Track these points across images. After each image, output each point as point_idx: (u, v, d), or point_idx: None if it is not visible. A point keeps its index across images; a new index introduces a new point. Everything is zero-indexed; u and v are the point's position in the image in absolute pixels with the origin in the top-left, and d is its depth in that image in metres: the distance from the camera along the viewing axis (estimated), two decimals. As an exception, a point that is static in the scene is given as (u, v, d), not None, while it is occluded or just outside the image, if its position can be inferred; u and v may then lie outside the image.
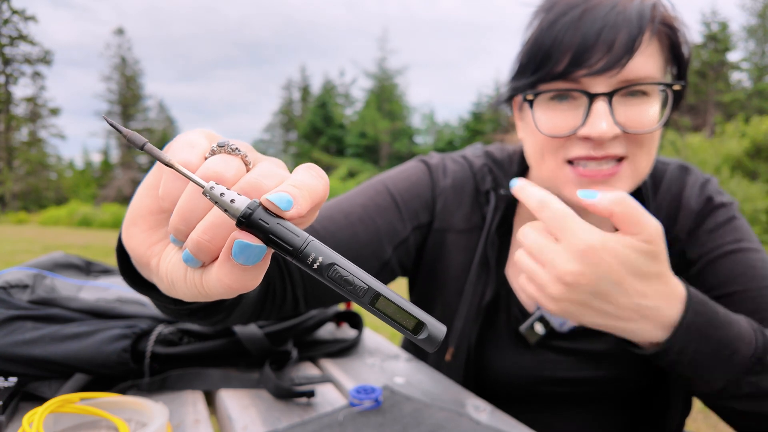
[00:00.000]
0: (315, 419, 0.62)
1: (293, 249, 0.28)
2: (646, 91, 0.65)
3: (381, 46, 35.57)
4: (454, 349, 0.80)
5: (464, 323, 0.79)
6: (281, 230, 0.28)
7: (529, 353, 0.79)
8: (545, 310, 0.75)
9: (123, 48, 37.55)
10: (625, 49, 0.61)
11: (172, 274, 0.35)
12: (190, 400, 0.69)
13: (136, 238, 0.38)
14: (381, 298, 0.29)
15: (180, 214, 0.32)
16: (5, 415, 0.58)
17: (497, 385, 0.80)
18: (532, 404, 0.80)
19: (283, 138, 38.50)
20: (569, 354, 0.78)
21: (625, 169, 0.66)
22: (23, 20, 30.67)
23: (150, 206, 0.37)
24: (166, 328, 0.75)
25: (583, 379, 0.78)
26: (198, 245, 0.31)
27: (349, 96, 36.01)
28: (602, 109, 0.62)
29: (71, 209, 20.47)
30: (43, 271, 0.86)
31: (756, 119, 17.35)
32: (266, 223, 0.28)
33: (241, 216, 0.28)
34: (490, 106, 0.95)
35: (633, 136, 0.65)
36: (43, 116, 32.93)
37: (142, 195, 0.37)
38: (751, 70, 30.47)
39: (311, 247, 0.29)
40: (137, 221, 0.38)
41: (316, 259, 0.29)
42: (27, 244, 10.21)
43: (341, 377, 0.78)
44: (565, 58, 0.63)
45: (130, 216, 0.38)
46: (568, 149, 0.67)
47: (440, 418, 0.64)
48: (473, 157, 0.87)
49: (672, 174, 0.81)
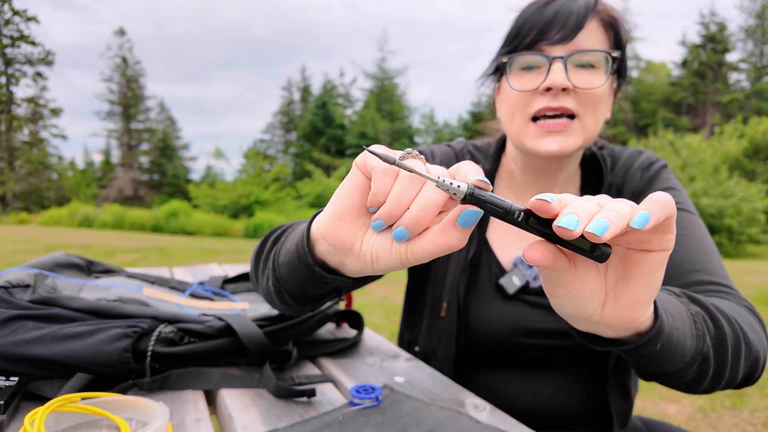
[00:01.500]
0: (315, 418, 0.62)
1: (504, 210, 0.40)
2: (594, 64, 0.82)
3: (381, 47, 35.63)
4: (446, 304, 0.90)
5: (453, 278, 0.92)
6: (494, 199, 0.40)
7: (507, 305, 0.90)
8: (521, 266, 0.91)
9: (124, 48, 37.55)
10: (576, 24, 0.80)
11: (378, 250, 0.46)
12: (190, 400, 0.69)
13: (342, 229, 0.48)
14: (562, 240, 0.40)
15: (394, 201, 0.43)
16: (7, 415, 0.59)
17: (481, 339, 0.90)
18: (512, 365, 0.90)
19: (283, 138, 38.46)
20: (541, 307, 0.89)
21: (576, 124, 0.82)
22: (24, 21, 30.68)
23: (355, 203, 0.47)
24: (167, 327, 0.76)
25: (556, 331, 0.87)
26: (415, 221, 0.43)
27: (349, 96, 36.02)
28: (559, 68, 0.80)
29: (72, 209, 20.47)
30: (45, 271, 0.86)
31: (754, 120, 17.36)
32: (482, 196, 0.40)
33: (468, 194, 0.40)
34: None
35: (581, 95, 0.81)
36: (44, 116, 32.92)
37: (345, 196, 0.47)
38: (750, 70, 30.48)
39: (514, 207, 0.40)
40: (344, 216, 0.48)
41: (519, 214, 0.40)
42: (28, 244, 10.21)
43: (341, 376, 0.79)
44: (532, 33, 0.83)
45: (335, 212, 0.48)
46: (532, 105, 0.83)
47: (440, 417, 0.64)
48: (456, 144, 1.06)
49: (628, 154, 0.98)
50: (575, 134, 0.82)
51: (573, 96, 0.81)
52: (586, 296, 0.44)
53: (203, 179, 35.14)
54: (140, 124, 38.44)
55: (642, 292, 0.45)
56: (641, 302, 0.46)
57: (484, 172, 0.93)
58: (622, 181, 0.95)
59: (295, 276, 0.59)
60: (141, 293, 0.93)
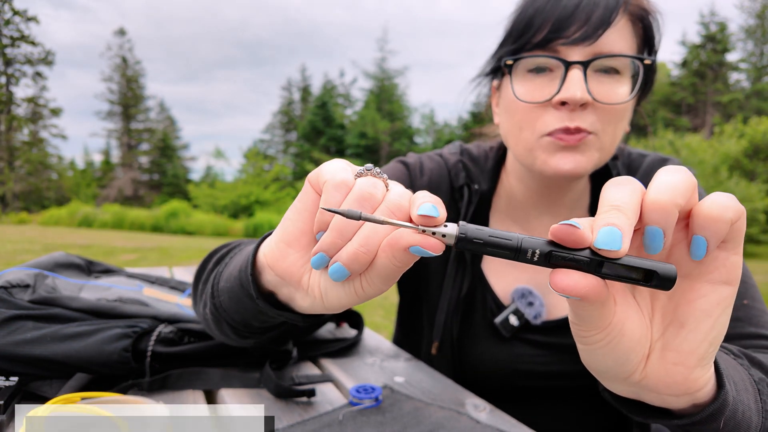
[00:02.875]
0: (315, 418, 0.62)
1: (512, 250, 0.32)
2: (618, 70, 0.68)
3: (381, 47, 35.59)
4: (438, 342, 0.82)
5: (446, 316, 0.81)
6: (496, 239, 0.32)
7: (505, 346, 0.80)
8: (520, 302, 0.79)
9: (124, 48, 37.53)
10: (601, 21, 0.65)
11: (327, 284, 0.40)
12: (190, 400, 0.69)
13: (290, 258, 0.41)
14: (605, 264, 0.32)
15: (337, 229, 0.37)
16: (6, 415, 0.59)
17: (477, 378, 0.81)
18: (511, 398, 0.81)
19: (283, 138, 38.46)
20: (544, 347, 0.79)
21: (592, 140, 0.69)
22: (24, 21, 30.67)
23: (305, 227, 0.41)
24: (167, 327, 0.76)
25: (558, 372, 0.79)
26: (354, 257, 0.36)
27: (349, 96, 36.01)
28: (577, 77, 0.65)
29: (72, 209, 20.46)
30: (44, 271, 0.86)
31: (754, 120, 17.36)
32: (480, 238, 0.33)
33: (459, 239, 0.33)
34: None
35: (602, 111, 0.67)
36: (44, 116, 32.91)
37: (294, 219, 0.41)
38: (750, 70, 30.46)
39: (525, 243, 0.32)
40: (292, 243, 0.41)
41: (534, 253, 0.32)
42: (28, 244, 10.21)
43: (341, 376, 0.79)
44: (545, 28, 0.67)
45: (282, 238, 0.41)
46: (544, 121, 0.69)
47: (440, 417, 0.64)
48: (449, 155, 0.90)
49: (648, 164, 0.84)
50: (592, 151, 0.69)
51: (592, 111, 0.67)
52: (626, 344, 0.35)
53: (203, 179, 35.13)
54: (140, 124, 38.42)
55: (698, 342, 0.35)
56: (697, 356, 0.35)
57: (480, 193, 0.83)
58: None
59: (237, 306, 0.51)
60: (141, 293, 0.93)
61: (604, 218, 0.32)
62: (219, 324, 0.57)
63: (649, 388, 0.37)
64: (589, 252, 0.31)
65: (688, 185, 0.33)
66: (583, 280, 0.31)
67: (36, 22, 31.05)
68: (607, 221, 0.31)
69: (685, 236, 0.35)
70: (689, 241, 0.34)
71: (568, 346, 0.79)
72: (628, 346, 0.35)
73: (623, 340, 0.35)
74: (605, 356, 0.36)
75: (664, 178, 0.33)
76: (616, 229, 0.31)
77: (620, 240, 0.30)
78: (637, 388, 0.37)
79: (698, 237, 0.33)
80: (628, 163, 0.85)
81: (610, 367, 0.36)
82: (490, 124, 0.88)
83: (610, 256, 0.31)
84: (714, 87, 29.88)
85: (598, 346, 0.35)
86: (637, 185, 0.34)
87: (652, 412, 0.42)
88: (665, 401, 0.38)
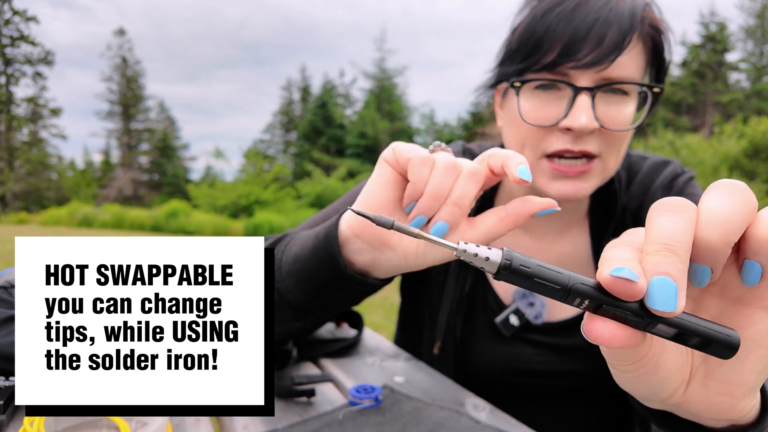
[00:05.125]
0: (315, 418, 0.62)
1: (561, 288, 0.28)
2: (627, 91, 0.67)
3: (380, 47, 35.56)
4: (441, 342, 0.82)
5: (448, 316, 0.82)
6: (546, 272, 0.28)
7: (505, 345, 0.80)
8: (520, 302, 0.79)
9: (124, 48, 37.52)
10: (615, 45, 0.62)
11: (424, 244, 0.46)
12: (190, 400, 0.69)
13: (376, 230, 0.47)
14: (659, 325, 0.28)
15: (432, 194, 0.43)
16: (6, 415, 0.58)
17: (478, 377, 0.81)
18: (513, 398, 0.81)
19: (283, 138, 38.46)
20: (545, 347, 0.79)
21: (596, 166, 0.68)
22: (24, 21, 30.66)
23: (388, 197, 0.47)
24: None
25: (559, 372, 0.78)
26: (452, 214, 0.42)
27: (348, 96, 36.00)
28: (585, 103, 0.64)
29: (72, 209, 20.47)
30: (44, 271, 0.86)
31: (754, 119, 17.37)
32: (527, 267, 0.28)
33: (503, 267, 0.29)
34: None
35: (607, 134, 0.67)
36: (44, 116, 32.91)
37: (377, 191, 0.47)
38: (750, 70, 30.47)
39: (574, 283, 0.28)
40: (378, 211, 0.46)
41: (582, 301, 0.28)
42: (27, 245, 10.19)
43: (341, 376, 0.79)
44: (556, 49, 0.64)
45: (368, 208, 0.47)
46: (548, 142, 0.68)
47: (440, 417, 0.64)
48: None
49: (649, 167, 0.83)
50: (594, 177, 0.69)
51: (597, 135, 0.66)
52: (662, 375, 0.32)
53: (203, 179, 35.12)
54: (140, 124, 38.42)
55: (747, 373, 0.32)
56: (745, 387, 0.32)
57: (482, 196, 0.82)
58: (639, 203, 0.80)
59: (307, 284, 0.55)
60: (141, 293, 0.93)
61: (656, 264, 0.27)
62: (279, 309, 0.60)
63: (688, 411, 0.34)
64: (640, 306, 0.28)
65: (744, 214, 0.28)
66: (620, 332, 0.28)
67: (36, 22, 31.05)
68: (660, 269, 0.27)
69: (736, 258, 0.32)
70: (740, 264, 0.30)
71: (569, 346, 0.79)
72: (665, 376, 0.32)
73: (659, 371, 0.32)
74: (639, 384, 0.33)
75: (715, 206, 0.29)
76: (670, 281, 0.26)
77: (675, 298, 0.26)
78: (674, 408, 0.35)
79: (752, 262, 0.29)
80: (628, 166, 0.84)
81: (645, 394, 0.34)
82: (492, 124, 0.87)
83: (665, 315, 0.27)
84: (714, 87, 29.89)
85: (631, 376, 0.32)
86: (691, 213, 0.29)
87: (683, 425, 0.39)
88: (703, 422, 0.36)
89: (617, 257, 0.28)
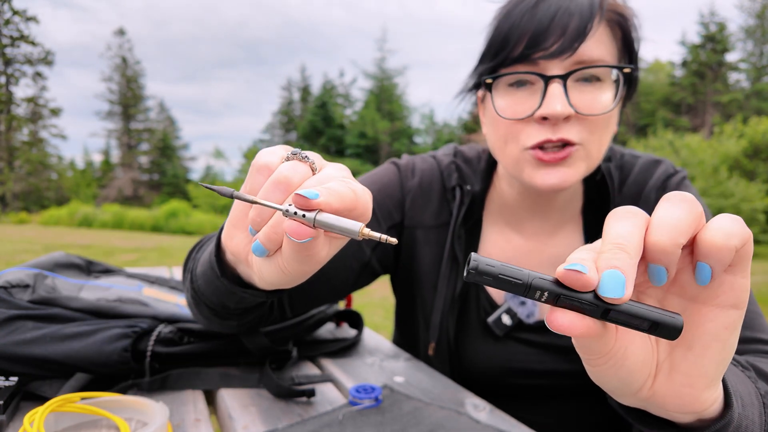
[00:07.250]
0: (315, 418, 0.62)
1: (523, 285, 0.31)
2: (600, 77, 0.68)
3: (380, 47, 35.59)
4: (434, 343, 0.83)
5: (441, 317, 0.82)
6: (508, 270, 0.31)
7: (499, 345, 0.81)
8: (512, 302, 0.79)
9: (124, 48, 37.53)
10: (577, 32, 0.65)
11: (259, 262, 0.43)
12: (190, 400, 0.69)
13: (237, 237, 0.45)
14: (611, 312, 0.32)
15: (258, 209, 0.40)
16: (6, 415, 0.59)
17: (474, 377, 0.82)
18: (511, 398, 0.81)
19: (283, 138, 38.42)
20: (538, 347, 0.80)
21: (578, 151, 0.69)
22: (24, 21, 30.66)
23: (245, 210, 0.45)
24: (167, 327, 0.76)
25: (554, 371, 0.79)
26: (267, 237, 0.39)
27: (348, 96, 36.00)
28: (557, 90, 0.65)
29: (72, 209, 20.46)
30: (44, 271, 0.86)
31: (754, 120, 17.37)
32: (491, 270, 0.31)
33: (472, 270, 0.31)
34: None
35: (586, 122, 0.67)
36: (44, 116, 32.90)
37: (238, 203, 0.45)
38: (749, 70, 30.49)
39: (535, 281, 0.32)
40: (237, 223, 0.45)
41: (542, 294, 0.32)
42: (28, 244, 10.21)
43: (341, 376, 0.79)
44: (522, 42, 0.67)
45: (231, 220, 0.45)
46: (528, 134, 0.69)
47: (439, 417, 0.64)
48: (442, 156, 0.90)
49: (641, 167, 0.83)
50: (578, 162, 0.69)
51: (576, 121, 0.67)
52: (629, 367, 0.35)
53: (203, 179, 35.13)
54: (140, 124, 38.44)
55: (707, 365, 0.35)
56: (706, 379, 0.35)
57: (473, 194, 0.84)
58: (633, 203, 0.79)
59: (211, 288, 0.55)
60: (140, 293, 0.93)
61: (607, 259, 0.31)
62: (199, 307, 0.62)
63: (657, 405, 0.37)
64: (594, 296, 0.31)
65: (690, 221, 0.32)
66: (579, 321, 0.32)
67: (36, 22, 31.06)
68: (610, 263, 0.31)
69: (691, 261, 0.35)
70: (695, 266, 0.34)
71: (562, 346, 0.79)
72: (633, 368, 0.35)
73: (626, 363, 0.35)
74: (610, 377, 0.36)
75: (664, 214, 0.33)
76: (619, 273, 0.30)
77: (623, 287, 0.30)
78: (645, 403, 0.38)
79: (702, 264, 0.33)
80: (620, 165, 0.84)
81: (616, 386, 0.37)
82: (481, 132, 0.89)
83: (614, 302, 0.31)
84: (714, 87, 29.90)
85: (601, 368, 0.36)
86: (641, 219, 0.33)
87: (656, 422, 0.42)
88: (671, 416, 0.39)
89: (575, 257, 0.33)
